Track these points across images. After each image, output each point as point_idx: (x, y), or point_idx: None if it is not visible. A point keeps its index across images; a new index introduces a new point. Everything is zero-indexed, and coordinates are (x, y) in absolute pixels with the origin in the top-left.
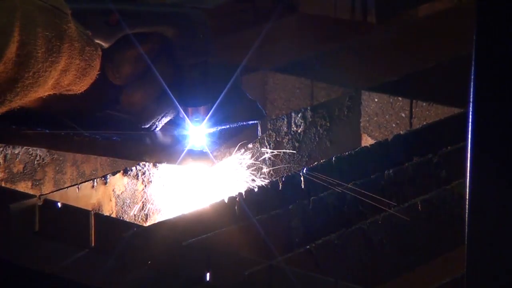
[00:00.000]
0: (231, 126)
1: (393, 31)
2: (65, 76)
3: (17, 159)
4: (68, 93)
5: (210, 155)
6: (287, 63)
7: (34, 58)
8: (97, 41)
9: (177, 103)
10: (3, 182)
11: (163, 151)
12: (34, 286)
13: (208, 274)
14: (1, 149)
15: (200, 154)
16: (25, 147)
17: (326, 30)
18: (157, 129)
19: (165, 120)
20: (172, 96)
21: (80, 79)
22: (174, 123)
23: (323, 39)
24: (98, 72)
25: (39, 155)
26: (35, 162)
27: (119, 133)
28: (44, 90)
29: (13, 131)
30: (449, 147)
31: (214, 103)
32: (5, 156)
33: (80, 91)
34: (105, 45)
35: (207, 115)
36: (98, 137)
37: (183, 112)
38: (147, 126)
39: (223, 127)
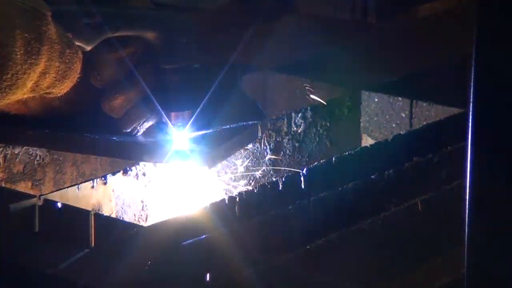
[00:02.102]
0: (231, 126)
1: (393, 31)
2: (45, 78)
3: (17, 159)
4: (48, 96)
5: (192, 155)
6: (287, 63)
7: (12, 60)
8: (78, 43)
9: (159, 108)
10: (3, 182)
11: (163, 150)
12: (34, 286)
13: (208, 274)
14: (1, 149)
15: (195, 154)
16: (25, 147)
17: (326, 30)
18: (139, 133)
19: (147, 124)
20: (155, 101)
21: (60, 82)
22: (157, 128)
23: (323, 39)
24: (79, 75)
25: (39, 155)
26: (35, 162)
27: (105, 136)
28: (23, 92)
29: (13, 131)
30: (449, 147)
31: (198, 108)
32: (5, 156)
33: (60, 94)
34: (87, 47)
35: (190, 120)
36: (98, 137)
37: (165, 117)
38: (128, 130)
39: (223, 127)
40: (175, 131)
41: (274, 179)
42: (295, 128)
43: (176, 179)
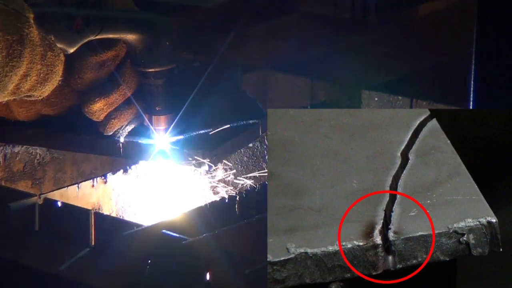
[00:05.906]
0: (232, 125)
1: (393, 30)
2: (26, 81)
3: (17, 158)
4: (29, 99)
5: (191, 154)
6: (287, 62)
7: None
8: (60, 46)
9: (141, 112)
10: (3, 181)
11: (157, 150)
12: (34, 285)
13: (208, 274)
14: (1, 148)
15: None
16: (25, 146)
17: (326, 29)
18: (121, 137)
19: (128, 128)
20: (136, 104)
21: (41, 85)
22: (138, 131)
23: (323, 39)
24: (61, 78)
25: (39, 154)
26: (35, 161)
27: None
28: (4, 95)
29: (13, 130)
30: None
31: (179, 111)
32: (5, 155)
33: (42, 97)
34: (69, 50)
35: (172, 124)
36: (97, 136)
37: (147, 121)
38: (109, 134)
39: (224, 126)
40: (169, 133)
41: None
42: None
43: (176, 178)
